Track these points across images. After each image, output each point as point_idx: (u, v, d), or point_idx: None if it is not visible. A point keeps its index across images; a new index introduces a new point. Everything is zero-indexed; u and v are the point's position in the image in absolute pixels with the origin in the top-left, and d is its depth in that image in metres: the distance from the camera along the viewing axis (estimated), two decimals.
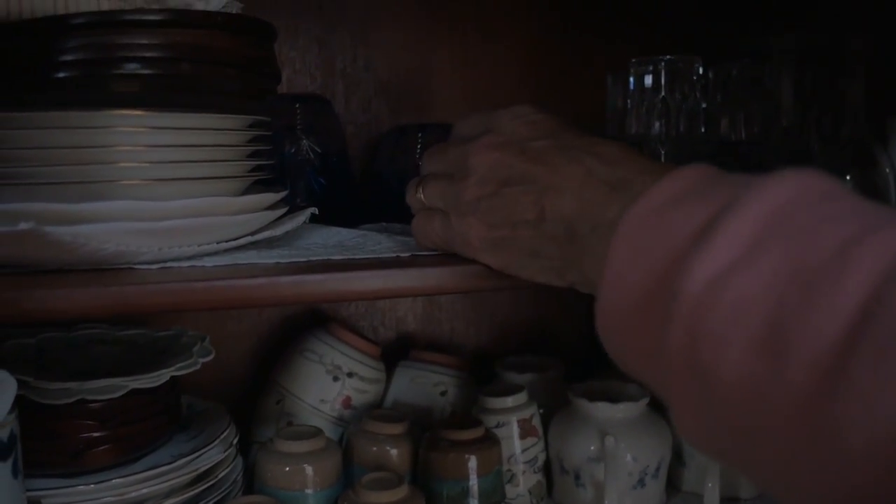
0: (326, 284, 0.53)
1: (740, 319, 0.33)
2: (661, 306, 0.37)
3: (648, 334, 0.38)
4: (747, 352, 0.33)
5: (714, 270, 0.35)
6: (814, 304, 0.31)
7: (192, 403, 0.84)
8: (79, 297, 0.48)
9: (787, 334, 0.31)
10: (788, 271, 0.32)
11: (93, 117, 0.53)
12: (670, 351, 0.36)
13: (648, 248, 0.39)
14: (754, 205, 0.35)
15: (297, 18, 0.93)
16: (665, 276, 0.37)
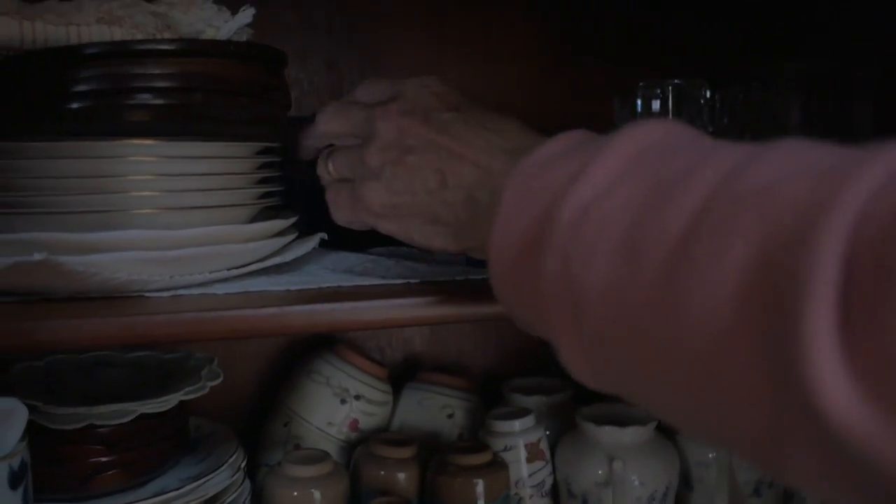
0: (336, 314, 0.53)
1: (604, 233, 0.36)
2: (539, 241, 0.40)
3: (530, 270, 0.41)
4: (610, 261, 0.36)
5: (584, 199, 0.38)
6: (663, 210, 0.34)
7: (199, 425, 0.84)
8: (91, 328, 0.48)
9: (640, 238, 0.35)
10: (646, 190, 0.36)
11: (105, 147, 0.53)
12: (547, 278, 0.39)
13: (532, 195, 0.42)
14: (620, 147, 0.39)
15: (305, 40, 0.94)
16: (544, 215, 0.40)
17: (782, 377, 0.27)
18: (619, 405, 0.90)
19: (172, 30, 0.59)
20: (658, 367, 0.34)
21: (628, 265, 0.35)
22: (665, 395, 0.36)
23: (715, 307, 0.30)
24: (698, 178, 0.34)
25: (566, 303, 0.38)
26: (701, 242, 0.31)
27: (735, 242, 0.30)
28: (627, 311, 0.35)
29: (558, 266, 0.38)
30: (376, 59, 0.97)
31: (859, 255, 0.26)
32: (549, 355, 1.14)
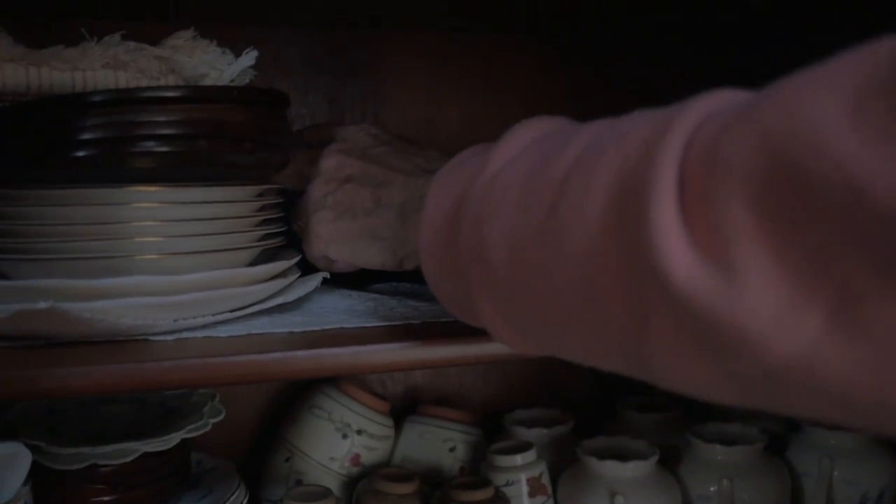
0: (340, 359, 0.53)
1: (505, 194, 0.42)
2: (457, 216, 0.46)
3: (451, 245, 0.46)
4: (509, 216, 0.41)
5: (492, 174, 0.44)
6: (548, 167, 0.40)
7: (201, 460, 0.84)
8: (96, 376, 0.48)
9: (531, 191, 0.40)
10: (537, 158, 0.42)
11: (109, 194, 0.54)
12: (463, 244, 0.44)
13: (450, 186, 0.48)
14: (518, 134, 0.46)
15: (307, 76, 0.94)
16: (462, 195, 0.46)
17: (638, 266, 0.33)
18: (621, 438, 0.90)
19: (176, 73, 0.60)
20: (551, 297, 0.39)
21: (522, 215, 0.40)
22: (563, 328, 0.40)
23: (585, 227, 0.36)
24: (575, 141, 0.40)
25: (480, 263, 0.43)
26: (575, 181, 0.37)
27: (600, 174, 0.36)
28: (523, 254, 0.40)
29: (471, 230, 0.44)
30: (377, 95, 0.97)
31: (690, 161, 0.32)
32: (549, 385, 1.14)
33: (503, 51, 1.01)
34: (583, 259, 0.36)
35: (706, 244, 0.30)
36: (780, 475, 0.90)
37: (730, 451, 0.88)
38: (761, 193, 0.29)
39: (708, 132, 0.32)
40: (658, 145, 0.33)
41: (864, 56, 0.27)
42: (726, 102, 0.34)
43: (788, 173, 0.28)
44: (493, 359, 0.58)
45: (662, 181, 0.32)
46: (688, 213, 0.31)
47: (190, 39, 0.60)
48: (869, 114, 0.25)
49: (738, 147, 0.30)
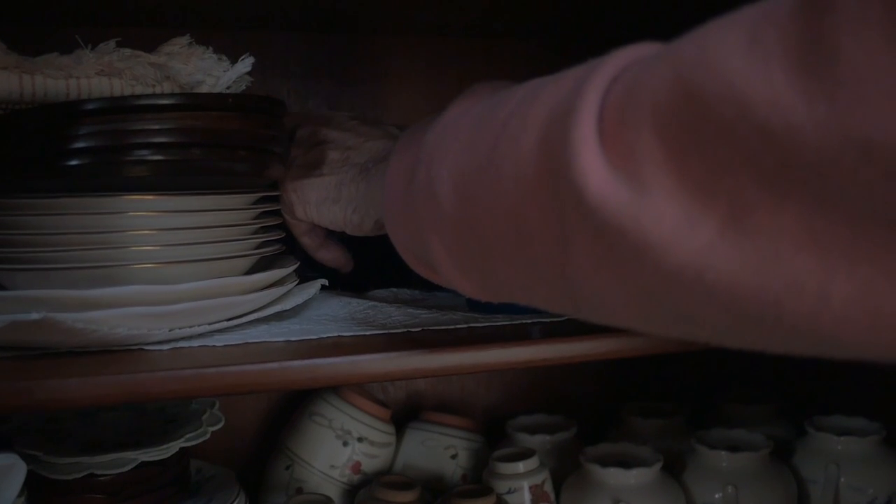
0: (337, 368, 0.52)
1: (455, 138, 0.45)
2: (413, 166, 0.48)
3: (409, 195, 0.48)
4: (457, 156, 0.44)
5: (443, 123, 0.47)
6: (495, 112, 0.42)
7: (200, 468, 0.84)
8: (91, 386, 0.48)
9: (478, 132, 0.43)
10: (487, 107, 0.44)
11: (105, 202, 0.53)
12: (416, 190, 0.46)
13: (412, 141, 0.50)
14: (475, 90, 0.50)
15: (307, 81, 0.94)
16: (417, 149, 0.48)
17: (560, 185, 0.35)
18: (625, 444, 0.89)
19: (172, 80, 0.59)
20: (489, 228, 0.41)
21: (468, 152, 0.43)
22: (501, 260, 0.42)
23: (518, 156, 0.39)
24: (521, 88, 0.43)
25: (429, 202, 0.45)
26: (514, 119, 0.40)
27: (535, 111, 0.39)
28: (466, 188, 0.43)
29: (424, 173, 0.46)
30: (377, 99, 0.97)
31: (611, 92, 0.35)
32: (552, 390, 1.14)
33: (503, 55, 1.01)
34: (514, 186, 0.39)
35: (619, 162, 0.33)
36: (786, 481, 0.89)
37: (735, 457, 0.87)
38: (667, 116, 0.31)
39: (631, 69, 0.35)
40: (586, 80, 0.36)
41: (766, 3, 0.29)
42: (653, 48, 0.37)
43: (691, 98, 0.30)
44: (492, 367, 0.57)
45: (585, 107, 0.35)
46: (604, 136, 0.34)
47: (185, 46, 0.59)
48: (761, 40, 0.28)
49: (652, 77, 0.33)
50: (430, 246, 0.47)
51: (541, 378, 1.08)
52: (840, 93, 0.26)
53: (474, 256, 0.45)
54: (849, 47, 0.25)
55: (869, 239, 0.27)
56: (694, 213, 0.31)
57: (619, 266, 0.35)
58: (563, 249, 0.37)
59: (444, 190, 0.44)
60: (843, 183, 0.27)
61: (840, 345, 0.31)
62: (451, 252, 0.46)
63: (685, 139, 0.31)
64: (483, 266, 0.45)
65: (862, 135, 0.25)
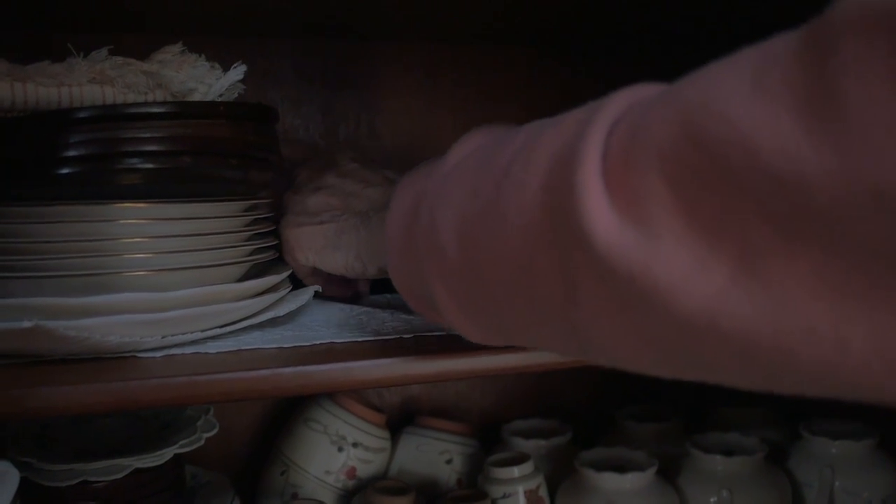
0: (329, 375, 0.53)
1: (457, 185, 0.44)
2: (416, 211, 0.47)
3: (411, 240, 0.47)
4: (460, 202, 0.43)
5: (445, 171, 0.47)
6: (495, 157, 0.42)
7: (195, 474, 0.84)
8: (83, 394, 0.48)
9: (480, 178, 0.43)
10: (488, 152, 0.44)
11: (97, 210, 0.53)
12: (420, 235, 0.46)
13: (412, 186, 0.50)
14: (474, 135, 0.49)
15: (300, 86, 0.94)
16: (419, 195, 0.48)
17: (566, 231, 0.35)
18: (620, 449, 0.90)
19: (164, 88, 0.59)
20: (494, 274, 0.41)
21: (471, 199, 0.42)
22: (506, 306, 0.42)
23: (523, 201, 0.38)
24: (522, 132, 0.43)
25: (434, 249, 0.45)
26: (517, 162, 0.40)
27: (538, 156, 0.38)
28: (470, 235, 0.42)
29: (427, 219, 0.46)
30: (370, 106, 0.97)
31: (615, 134, 0.35)
32: (547, 394, 1.14)
33: (497, 61, 1.01)
34: (519, 233, 0.39)
35: (625, 206, 0.33)
36: (781, 485, 0.89)
37: (730, 461, 0.87)
38: (673, 160, 0.31)
39: (633, 112, 0.35)
40: (588, 123, 0.36)
41: (767, 44, 0.29)
42: (654, 90, 0.36)
43: (697, 141, 0.30)
44: (485, 373, 0.58)
45: (589, 151, 0.35)
46: (609, 180, 0.34)
47: (178, 54, 0.59)
48: (765, 83, 0.28)
49: (656, 120, 0.32)
50: (434, 291, 0.46)
51: (535, 383, 1.08)
52: (848, 140, 0.25)
53: (479, 302, 0.44)
54: (854, 92, 0.25)
55: (886, 285, 0.27)
56: (705, 258, 0.30)
57: (627, 311, 0.34)
58: (570, 295, 0.37)
59: (447, 237, 0.44)
60: (857, 230, 0.26)
61: (859, 390, 0.30)
62: (455, 297, 0.45)
63: (692, 183, 0.30)
64: (488, 311, 0.44)
65: (872, 183, 0.25)
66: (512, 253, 0.39)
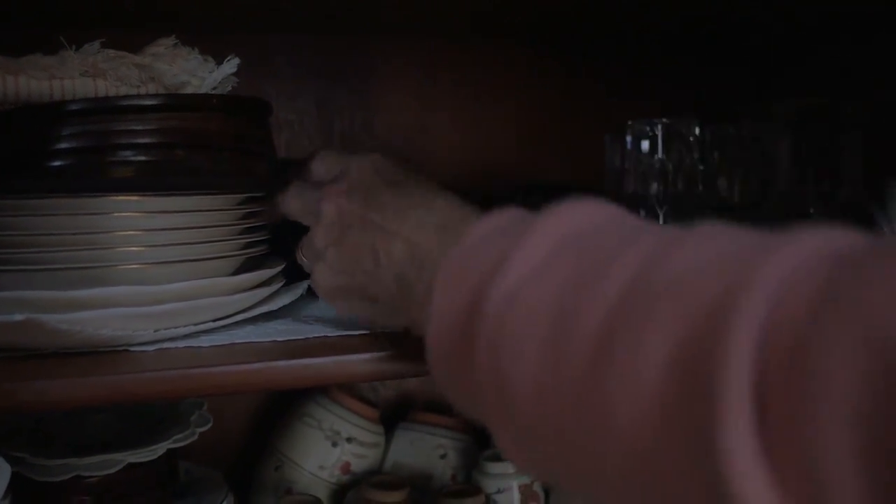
0: (322, 368, 0.53)
1: (529, 326, 0.36)
2: (470, 332, 0.40)
3: (464, 360, 0.40)
4: (536, 359, 0.36)
5: (509, 287, 0.38)
6: (583, 303, 0.34)
7: (189, 469, 0.84)
8: (76, 388, 0.48)
9: (563, 334, 0.34)
10: (568, 279, 0.36)
11: (89, 203, 0.53)
12: (479, 370, 0.39)
13: (461, 282, 0.42)
14: (543, 231, 0.40)
15: (295, 81, 0.94)
16: (472, 306, 0.40)
17: (709, 490, 0.27)
18: None
19: (157, 81, 0.59)
20: (587, 468, 0.34)
21: (553, 361, 0.35)
22: (599, 493, 0.35)
23: (637, 416, 0.30)
24: (616, 269, 0.34)
25: (499, 396, 0.38)
26: (619, 339, 0.31)
27: (652, 340, 0.30)
28: (554, 413, 0.35)
29: (488, 359, 0.38)
30: (366, 100, 0.97)
31: (771, 349, 0.26)
32: None
33: (495, 57, 1.01)
34: (631, 439, 0.31)
35: (794, 485, 0.24)
36: None
37: None
38: (871, 424, 0.22)
39: (793, 311, 0.26)
40: (728, 317, 0.27)
41: None
42: (809, 258, 0.27)
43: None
44: None
45: (735, 384, 0.26)
46: (769, 435, 0.25)
47: (171, 47, 0.59)
48: None
49: (836, 349, 0.24)
50: (497, 434, 0.40)
51: None
52: None
53: (557, 467, 0.38)
54: None
55: None
56: None
57: None
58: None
59: (520, 395, 0.37)
60: None
61: None
62: (527, 457, 0.40)
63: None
64: (569, 480, 0.38)
65: None
66: (615, 450, 0.32)
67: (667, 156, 0.82)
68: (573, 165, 0.98)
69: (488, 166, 1.01)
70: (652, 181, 0.82)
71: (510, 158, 1.02)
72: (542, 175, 1.01)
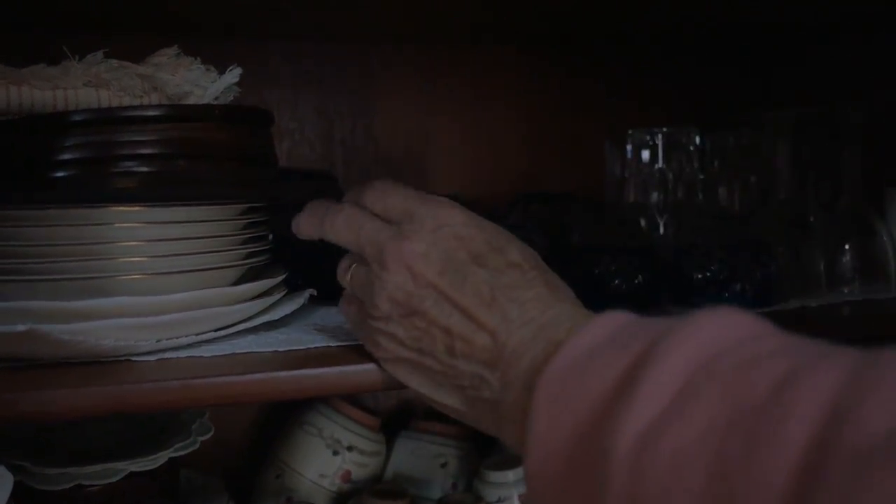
0: (323, 379, 0.53)
1: (681, 474, 0.30)
2: (593, 470, 0.34)
3: (583, 501, 0.35)
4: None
5: (644, 423, 0.32)
6: (755, 453, 0.29)
7: (190, 477, 0.84)
8: (78, 398, 0.48)
9: (731, 486, 0.29)
10: (724, 417, 0.30)
11: (92, 214, 0.53)
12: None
13: (572, 405, 0.36)
14: (677, 349, 0.33)
15: (296, 89, 0.94)
16: (593, 436, 0.34)
17: None
18: None
19: (159, 91, 0.59)
20: None
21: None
22: None
23: None
24: (792, 412, 0.29)
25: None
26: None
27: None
28: None
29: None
30: (366, 108, 0.97)
31: None
32: None
33: (495, 62, 1.01)
34: None
35: None
36: None
37: None
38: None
39: None
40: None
41: None
42: None
43: None
44: None
45: None
46: None
47: (173, 57, 0.59)
48: None
49: None
50: None
51: None
52: None
53: None
54: None
55: None
56: None
57: None
58: None
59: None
60: None
61: None
62: None
63: None
64: None
65: None
66: None
67: (667, 165, 0.82)
68: (574, 170, 0.99)
69: (489, 172, 1.01)
70: (652, 190, 0.83)
71: (511, 164, 1.02)
72: (543, 180, 1.01)
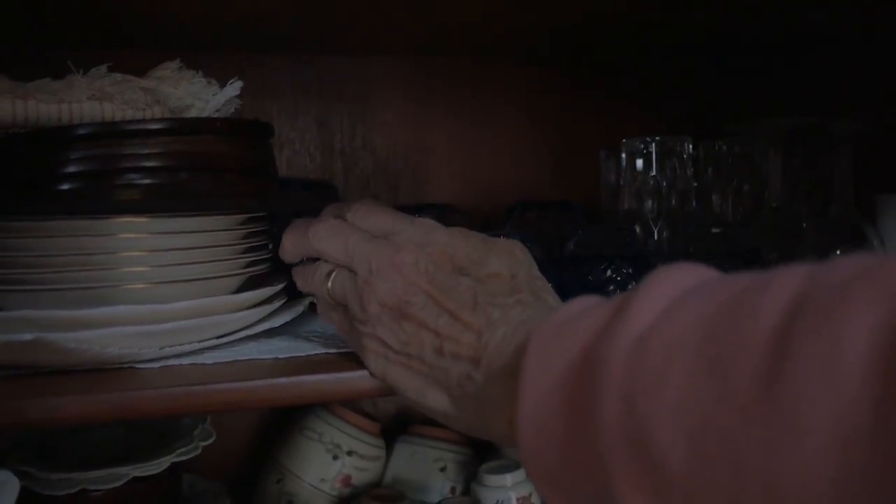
0: (325, 385, 0.54)
1: (673, 358, 0.32)
2: (585, 392, 0.35)
3: (577, 432, 0.35)
4: (687, 384, 0.31)
5: (633, 334, 0.34)
6: (743, 317, 0.30)
7: (192, 482, 0.85)
8: (82, 405, 0.49)
9: (721, 351, 0.30)
10: (712, 307, 0.32)
11: (95, 225, 0.54)
12: (605, 429, 0.34)
13: (562, 347, 0.37)
14: (659, 285, 0.36)
15: (296, 99, 0.95)
16: (582, 366, 0.35)
17: None
18: None
19: (162, 104, 0.60)
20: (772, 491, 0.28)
21: (713, 383, 0.30)
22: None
23: (844, 413, 0.26)
24: (779, 281, 0.30)
25: (636, 454, 0.32)
26: (804, 335, 0.27)
27: (848, 329, 0.26)
28: (722, 441, 0.29)
29: (618, 410, 0.33)
30: (366, 118, 0.98)
31: None
32: None
33: (492, 75, 1.02)
34: (836, 447, 0.26)
35: None
36: None
37: None
38: None
39: None
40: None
41: None
42: None
43: None
44: None
45: None
46: None
47: (175, 70, 0.61)
48: None
49: None
50: (624, 492, 0.33)
51: None
52: None
53: (719, 488, 0.31)
54: None
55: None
56: None
57: None
58: None
59: (667, 440, 0.31)
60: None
61: None
62: (663, 498, 0.32)
63: None
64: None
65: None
66: (813, 480, 0.27)
67: (661, 173, 0.83)
68: (569, 179, 1.00)
69: (486, 183, 1.02)
70: (647, 198, 0.84)
71: (507, 174, 1.03)
72: (539, 189, 1.02)
